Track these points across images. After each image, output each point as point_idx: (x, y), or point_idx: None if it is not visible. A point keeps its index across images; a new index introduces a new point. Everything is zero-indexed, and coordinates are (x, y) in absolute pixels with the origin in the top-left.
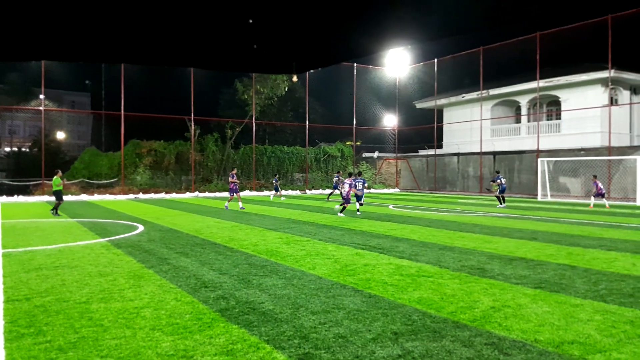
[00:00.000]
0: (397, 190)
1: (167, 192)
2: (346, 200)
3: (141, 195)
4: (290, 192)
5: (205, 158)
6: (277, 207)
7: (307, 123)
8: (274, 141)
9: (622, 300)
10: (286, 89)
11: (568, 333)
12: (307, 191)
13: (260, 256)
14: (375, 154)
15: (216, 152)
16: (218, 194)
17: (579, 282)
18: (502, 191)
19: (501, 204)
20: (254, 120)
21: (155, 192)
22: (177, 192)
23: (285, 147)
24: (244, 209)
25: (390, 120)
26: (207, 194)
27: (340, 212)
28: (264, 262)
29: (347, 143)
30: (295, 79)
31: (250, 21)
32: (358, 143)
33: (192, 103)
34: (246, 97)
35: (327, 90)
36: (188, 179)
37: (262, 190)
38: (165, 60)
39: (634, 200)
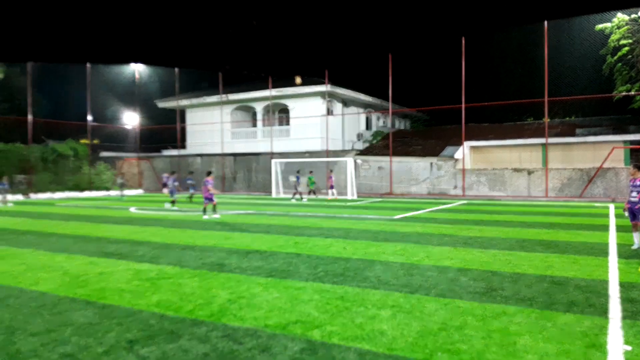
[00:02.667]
0: (140, 191)
1: None
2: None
3: None
4: (9, 197)
5: None
6: None
7: (30, 117)
8: None
9: (335, 280)
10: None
11: (293, 314)
12: (32, 195)
13: None
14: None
15: None
16: None
17: (303, 267)
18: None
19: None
20: None
21: None
22: None
23: (0, 144)
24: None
25: (131, 119)
26: None
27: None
28: None
29: (82, 141)
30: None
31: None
32: (95, 142)
33: None
34: None
35: (53, 81)
36: None
37: None
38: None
39: (346, 194)
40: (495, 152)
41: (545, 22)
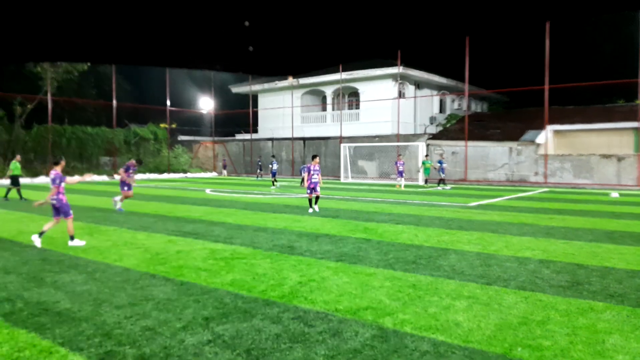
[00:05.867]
0: (214, 174)
1: None
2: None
3: None
4: (95, 178)
5: None
6: (79, 194)
7: (115, 102)
8: (75, 121)
9: (406, 267)
10: (88, 64)
11: (363, 300)
12: (116, 176)
13: (57, 250)
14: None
15: (1, 132)
16: (3, 181)
17: (373, 253)
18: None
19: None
20: (49, 97)
21: None
22: None
23: (88, 127)
24: None
25: (206, 104)
26: None
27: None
28: (60, 256)
29: (162, 125)
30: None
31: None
32: (173, 125)
33: None
34: (39, 69)
35: (136, 67)
36: None
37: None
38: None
39: (417, 180)
40: (581, 137)
41: None
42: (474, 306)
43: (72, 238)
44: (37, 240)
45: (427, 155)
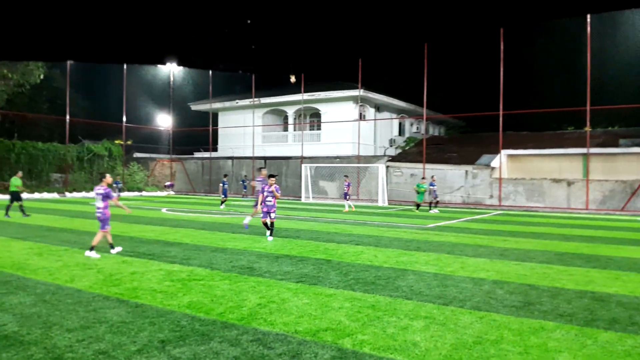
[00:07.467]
0: (171, 192)
1: None
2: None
3: None
4: (46, 195)
5: None
6: (30, 212)
7: (68, 117)
8: (25, 136)
9: (366, 288)
10: (41, 77)
11: (323, 321)
12: (67, 194)
13: (4, 270)
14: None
15: None
16: None
17: (333, 274)
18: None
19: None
20: None
21: None
22: None
23: (39, 143)
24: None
25: (164, 120)
26: None
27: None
28: (8, 277)
29: (117, 142)
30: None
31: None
32: (129, 142)
33: None
34: None
35: (92, 82)
36: None
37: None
38: None
39: (377, 201)
40: (533, 162)
41: (588, 17)
42: (431, 326)
43: (91, 249)
44: (92, 254)
45: (423, 179)
